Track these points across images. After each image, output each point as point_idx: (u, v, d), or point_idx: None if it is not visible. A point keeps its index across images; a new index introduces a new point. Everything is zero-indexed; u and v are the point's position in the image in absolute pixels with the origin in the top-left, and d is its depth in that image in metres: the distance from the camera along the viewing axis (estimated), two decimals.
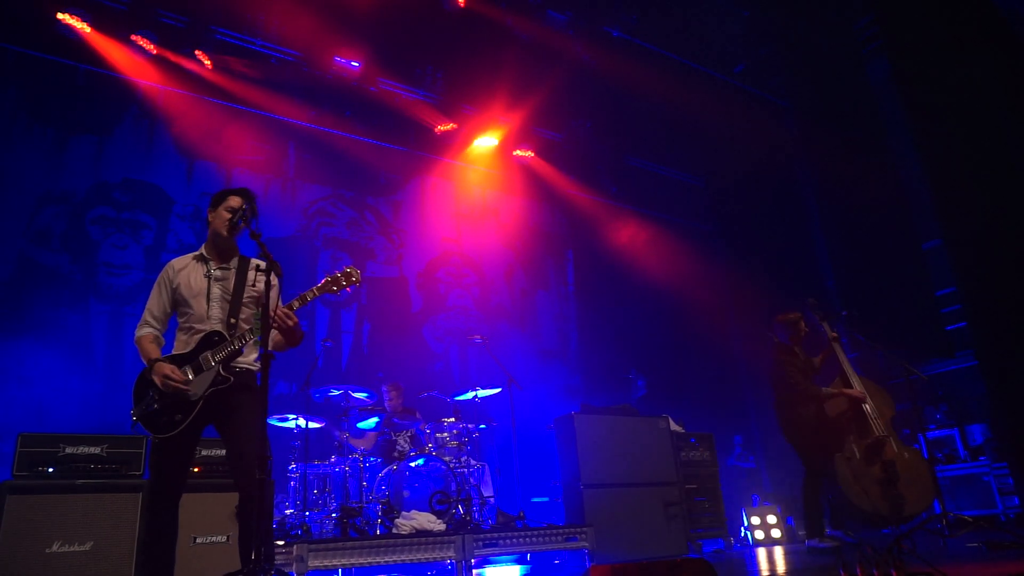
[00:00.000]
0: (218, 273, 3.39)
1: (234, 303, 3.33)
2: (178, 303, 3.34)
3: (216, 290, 3.34)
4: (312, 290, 3.30)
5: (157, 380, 3.10)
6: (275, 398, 7.08)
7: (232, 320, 3.29)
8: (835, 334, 5.70)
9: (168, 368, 3.12)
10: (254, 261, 3.47)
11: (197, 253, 3.45)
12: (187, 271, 3.38)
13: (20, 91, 6.89)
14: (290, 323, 3.19)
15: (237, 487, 3.09)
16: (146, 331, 3.30)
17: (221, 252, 3.43)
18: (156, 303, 3.35)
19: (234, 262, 3.45)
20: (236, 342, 3.21)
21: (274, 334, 3.21)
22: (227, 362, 3.21)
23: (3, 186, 6.55)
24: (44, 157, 6.86)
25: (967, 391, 8.20)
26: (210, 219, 3.42)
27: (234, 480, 3.11)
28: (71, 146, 7.04)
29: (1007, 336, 6.46)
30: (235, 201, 3.38)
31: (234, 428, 3.15)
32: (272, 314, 3.13)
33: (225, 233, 3.35)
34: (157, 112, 7.55)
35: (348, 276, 3.31)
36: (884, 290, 8.53)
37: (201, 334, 3.25)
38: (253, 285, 3.40)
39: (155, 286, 3.38)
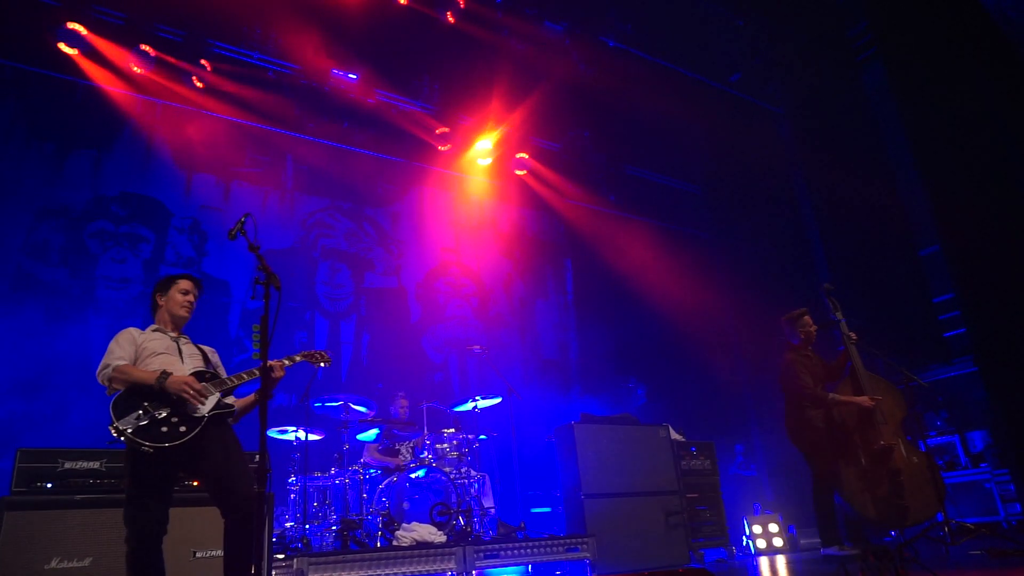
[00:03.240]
0: (183, 340, 3.57)
1: (206, 365, 3.50)
2: (142, 358, 3.36)
3: (185, 351, 3.50)
4: (296, 356, 3.69)
5: (174, 388, 3.14)
6: (274, 410, 7.06)
7: (207, 375, 3.41)
8: (853, 335, 5.53)
9: (189, 377, 3.22)
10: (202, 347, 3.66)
11: (153, 327, 3.55)
12: (149, 335, 3.47)
13: (19, 106, 6.90)
14: (281, 375, 3.42)
15: (224, 510, 3.14)
16: (122, 361, 3.26)
17: (176, 328, 3.60)
18: (123, 351, 3.33)
19: (186, 338, 3.63)
20: (234, 380, 3.34)
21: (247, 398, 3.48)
22: (224, 394, 3.36)
23: (1, 200, 6.56)
24: (42, 171, 6.87)
25: (967, 397, 8.19)
26: (161, 302, 3.59)
27: (220, 505, 3.16)
28: (69, 160, 7.05)
29: (1006, 342, 6.47)
30: (186, 285, 3.60)
31: (220, 457, 3.20)
32: (270, 331, 3.17)
33: (184, 314, 3.58)
34: (155, 125, 7.56)
35: (324, 356, 3.83)
36: (882, 297, 8.54)
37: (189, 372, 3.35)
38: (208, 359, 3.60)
39: (119, 339, 3.38)
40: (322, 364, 3.84)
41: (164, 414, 3.09)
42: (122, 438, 3.02)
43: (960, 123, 7.11)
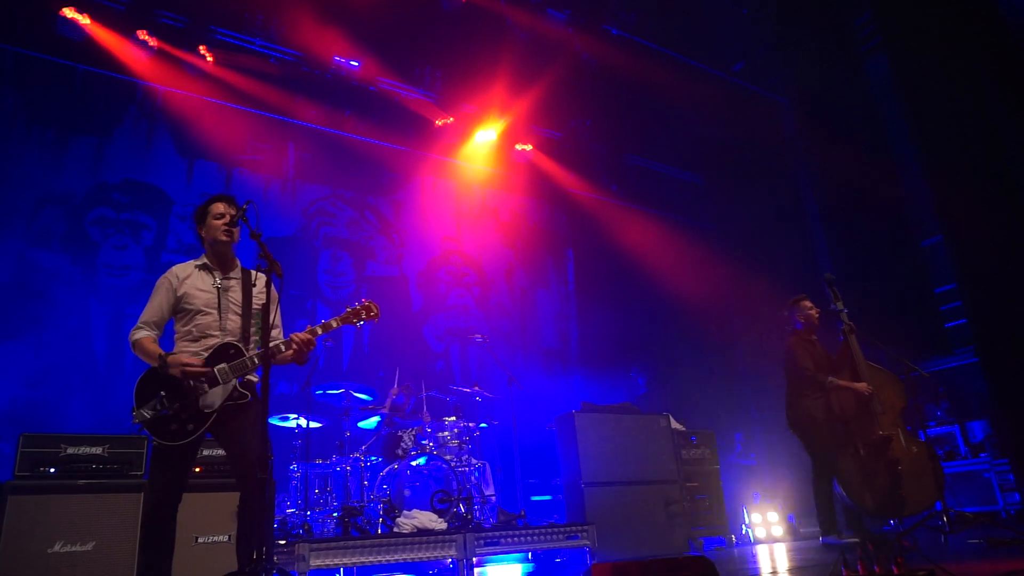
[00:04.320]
0: (225, 283, 3.37)
1: (244, 316, 3.32)
2: (182, 311, 3.28)
3: (225, 301, 3.32)
4: (335, 320, 3.40)
5: (176, 371, 3.04)
6: (276, 398, 7.08)
7: (245, 334, 3.29)
8: (852, 324, 5.51)
9: (184, 356, 3.09)
10: (254, 272, 3.45)
11: (199, 262, 3.40)
12: (193, 279, 3.32)
13: (19, 92, 6.89)
14: (310, 347, 3.26)
15: (241, 488, 3.10)
16: (144, 334, 3.21)
17: (223, 262, 3.41)
18: (156, 309, 3.26)
19: (237, 272, 3.43)
20: (256, 358, 3.18)
21: (286, 353, 3.25)
22: (243, 377, 3.21)
23: (3, 187, 6.55)
24: (44, 158, 6.86)
25: (967, 388, 8.20)
26: (203, 234, 3.40)
27: (238, 481, 3.12)
28: (70, 147, 7.04)
29: (1007, 333, 6.47)
30: (220, 206, 3.36)
31: (240, 433, 3.14)
32: (272, 320, 3.15)
33: (225, 238, 3.33)
34: (156, 113, 7.55)
35: (368, 310, 3.48)
36: (883, 287, 8.53)
37: (212, 344, 3.22)
38: (259, 295, 3.40)
39: (156, 291, 3.30)
40: (371, 319, 3.47)
41: (175, 408, 3.04)
42: (142, 425, 3.05)
43: (963, 114, 7.08)
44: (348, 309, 3.47)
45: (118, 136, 7.33)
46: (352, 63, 8.24)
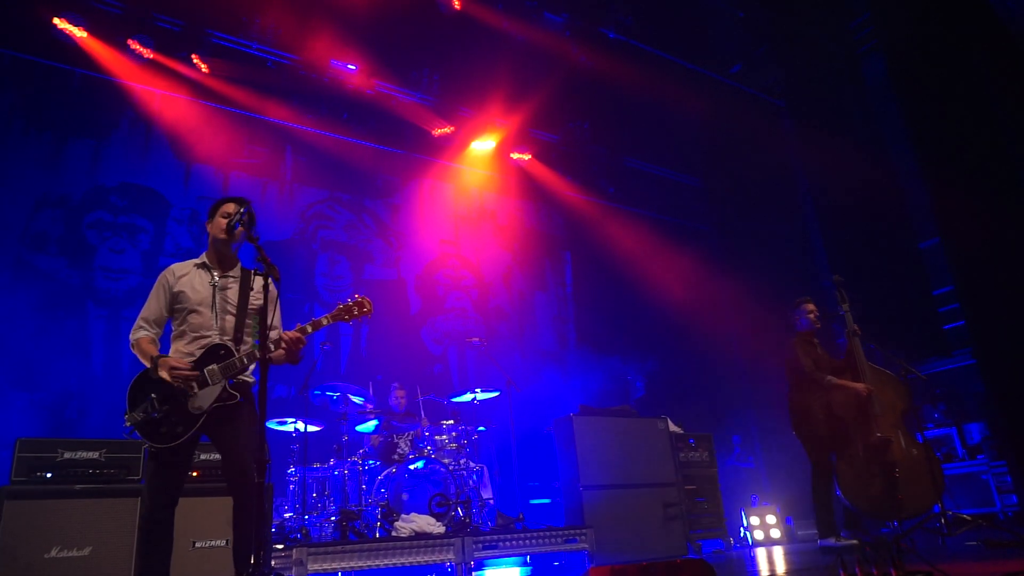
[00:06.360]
0: (222, 282, 3.37)
1: (239, 315, 3.32)
2: (177, 309, 3.29)
3: (220, 300, 3.32)
4: (326, 317, 3.37)
5: (164, 373, 3.05)
6: (273, 401, 7.07)
7: (238, 334, 3.28)
8: (857, 328, 5.53)
9: (173, 360, 3.11)
10: (253, 273, 3.43)
11: (198, 261, 3.41)
12: (189, 277, 3.33)
13: (17, 95, 6.88)
14: (301, 346, 3.25)
15: (231, 492, 3.08)
16: (143, 334, 3.24)
17: (223, 261, 3.42)
18: (153, 308, 3.29)
19: (236, 271, 3.43)
20: (246, 359, 3.18)
21: (278, 353, 3.24)
22: (233, 378, 3.20)
23: (0, 190, 6.55)
24: (41, 161, 6.85)
25: (965, 390, 8.21)
26: (209, 229, 3.41)
27: (228, 485, 3.11)
28: (68, 150, 7.03)
29: (1005, 335, 6.48)
30: (231, 207, 3.37)
31: (230, 436, 3.14)
32: (269, 322, 3.15)
33: (223, 236, 3.33)
34: (153, 116, 7.53)
35: (360, 306, 3.42)
36: (881, 289, 8.52)
37: (205, 343, 3.22)
38: (256, 295, 3.40)
39: (153, 290, 3.33)
40: (364, 314, 3.41)
41: (164, 411, 3.05)
42: (134, 428, 3.06)
43: (961, 116, 7.10)
44: (340, 305, 3.43)
45: (115, 139, 7.33)
46: (349, 67, 8.23)
